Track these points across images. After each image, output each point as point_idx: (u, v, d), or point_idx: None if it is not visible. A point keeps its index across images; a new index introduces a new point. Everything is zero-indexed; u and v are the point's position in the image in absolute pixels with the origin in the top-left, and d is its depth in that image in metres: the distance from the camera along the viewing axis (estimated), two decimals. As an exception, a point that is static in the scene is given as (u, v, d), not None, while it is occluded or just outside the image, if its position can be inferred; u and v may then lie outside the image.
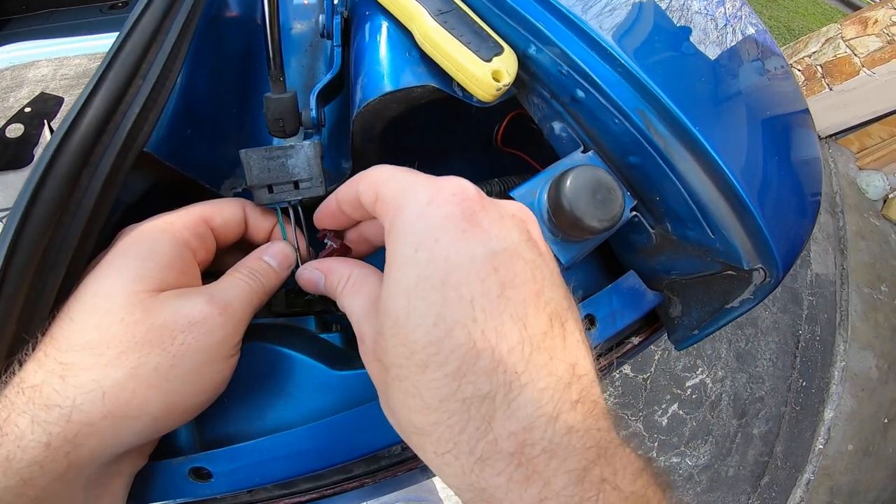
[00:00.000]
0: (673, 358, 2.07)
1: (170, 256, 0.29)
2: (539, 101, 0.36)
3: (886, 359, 2.34)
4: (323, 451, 0.31)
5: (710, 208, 0.31)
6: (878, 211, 2.69)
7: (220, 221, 0.33)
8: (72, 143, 0.27)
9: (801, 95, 0.39)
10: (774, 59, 0.39)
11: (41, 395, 0.25)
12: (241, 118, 0.44)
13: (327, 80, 0.39)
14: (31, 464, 0.24)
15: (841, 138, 2.73)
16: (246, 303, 0.31)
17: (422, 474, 0.57)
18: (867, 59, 2.33)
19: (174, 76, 0.32)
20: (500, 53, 0.32)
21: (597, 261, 0.43)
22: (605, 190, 0.29)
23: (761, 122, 0.35)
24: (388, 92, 0.33)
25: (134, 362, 0.26)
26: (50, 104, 0.74)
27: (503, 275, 0.23)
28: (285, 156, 0.34)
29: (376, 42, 0.35)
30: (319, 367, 0.35)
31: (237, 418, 0.34)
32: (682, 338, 0.38)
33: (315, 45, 0.52)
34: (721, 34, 0.36)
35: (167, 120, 0.35)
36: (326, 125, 0.44)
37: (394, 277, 0.24)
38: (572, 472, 0.21)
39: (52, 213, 0.26)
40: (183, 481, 0.31)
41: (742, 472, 2.03)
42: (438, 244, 0.23)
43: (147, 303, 0.27)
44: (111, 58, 0.30)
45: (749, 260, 0.32)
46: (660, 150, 0.31)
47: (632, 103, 0.31)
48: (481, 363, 0.22)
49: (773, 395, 2.16)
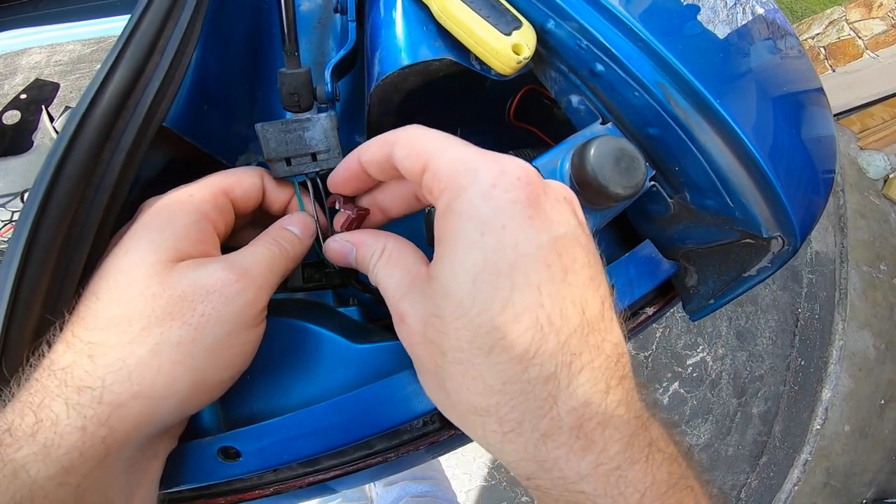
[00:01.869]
0: (674, 335, 2.09)
1: (187, 227, 0.29)
2: (557, 74, 0.36)
3: (884, 338, 2.37)
4: (350, 425, 0.31)
5: (729, 178, 0.32)
6: (878, 190, 2.70)
7: (240, 192, 0.32)
8: (94, 117, 0.27)
9: (815, 74, 0.39)
10: (788, 38, 0.39)
11: (73, 377, 0.24)
12: (252, 95, 0.44)
13: (343, 55, 0.38)
14: (70, 450, 0.24)
15: (843, 119, 2.72)
16: (267, 269, 0.30)
17: (428, 453, 0.58)
18: (871, 41, 2.31)
19: (190, 52, 0.32)
20: (520, 28, 0.33)
21: (613, 231, 0.43)
22: (629, 158, 0.30)
23: (778, 98, 0.35)
24: (407, 65, 0.33)
25: (157, 338, 0.26)
26: (46, 90, 0.73)
27: (566, 260, 0.24)
28: (302, 128, 0.34)
29: (392, 16, 0.35)
30: (340, 341, 0.35)
31: (260, 396, 0.35)
32: (697, 308, 0.38)
33: (324, 22, 0.52)
34: (731, 13, 0.36)
35: (183, 96, 0.35)
36: (340, 100, 0.44)
37: (458, 259, 0.23)
38: (622, 440, 0.24)
39: (77, 188, 0.26)
40: (212, 462, 0.31)
41: (741, 451, 2.06)
42: (506, 230, 0.23)
43: (164, 274, 0.27)
44: (129, 34, 0.29)
45: (768, 227, 0.32)
46: (680, 121, 0.31)
47: (652, 77, 0.31)
48: (546, 346, 0.23)
49: (772, 373, 2.18)
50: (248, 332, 0.29)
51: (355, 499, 1.06)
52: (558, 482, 0.24)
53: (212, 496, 0.36)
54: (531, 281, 0.23)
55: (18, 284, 0.24)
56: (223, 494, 0.36)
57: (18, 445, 0.23)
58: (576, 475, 0.23)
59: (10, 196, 0.58)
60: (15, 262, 0.24)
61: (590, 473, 0.23)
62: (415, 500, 0.96)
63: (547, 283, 0.23)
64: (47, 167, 0.26)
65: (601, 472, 0.23)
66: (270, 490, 0.36)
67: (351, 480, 0.39)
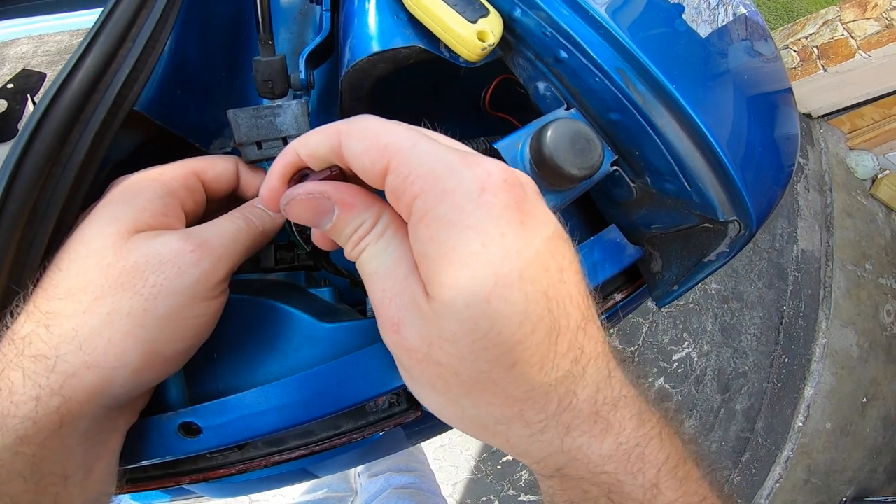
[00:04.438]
0: (660, 331, 2.11)
1: (151, 200, 0.29)
2: (524, 62, 0.37)
3: (867, 337, 2.39)
4: (311, 401, 0.31)
5: (686, 162, 0.32)
6: (866, 190, 2.73)
7: (212, 175, 0.33)
8: (63, 99, 0.28)
9: (785, 75, 0.40)
10: (764, 40, 0.39)
11: (30, 347, 0.25)
12: (230, 82, 0.45)
13: (317, 43, 0.39)
14: (24, 419, 0.24)
15: (833, 118, 2.74)
16: (230, 241, 0.29)
17: (408, 440, 0.58)
18: (864, 42, 2.32)
19: (163, 40, 0.33)
20: (486, 15, 0.33)
21: (580, 215, 0.44)
22: (584, 140, 0.30)
23: (741, 91, 0.36)
24: (376, 52, 0.34)
25: (108, 307, 0.25)
26: (32, 80, 0.73)
27: (559, 259, 0.23)
28: (273, 114, 0.35)
29: (365, 5, 0.36)
30: (308, 320, 0.35)
31: (226, 373, 0.35)
32: (662, 294, 0.39)
33: (304, 13, 0.52)
34: (713, 12, 0.37)
35: (157, 82, 0.35)
36: (316, 89, 0.44)
37: (464, 277, 0.21)
38: (633, 418, 0.25)
39: (44, 166, 0.27)
40: (172, 437, 0.31)
41: (724, 447, 2.08)
42: (505, 239, 0.21)
43: (118, 245, 0.26)
44: (101, 22, 0.30)
45: (724, 211, 0.33)
46: (639, 106, 0.32)
47: (612, 63, 0.32)
48: (560, 348, 0.23)
49: (756, 370, 2.21)
50: (205, 304, 0.28)
51: (340, 490, 1.07)
52: (583, 468, 0.25)
53: (177, 475, 0.36)
54: (539, 288, 0.22)
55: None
56: (188, 473, 0.36)
57: None
58: (599, 458, 0.25)
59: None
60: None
61: (612, 454, 0.25)
62: (398, 491, 0.96)
63: (550, 286, 0.23)
64: (16, 145, 0.26)
65: (622, 452, 0.25)
66: (235, 469, 0.36)
67: (327, 463, 0.39)
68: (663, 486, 0.25)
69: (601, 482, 0.25)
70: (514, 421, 0.24)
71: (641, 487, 0.25)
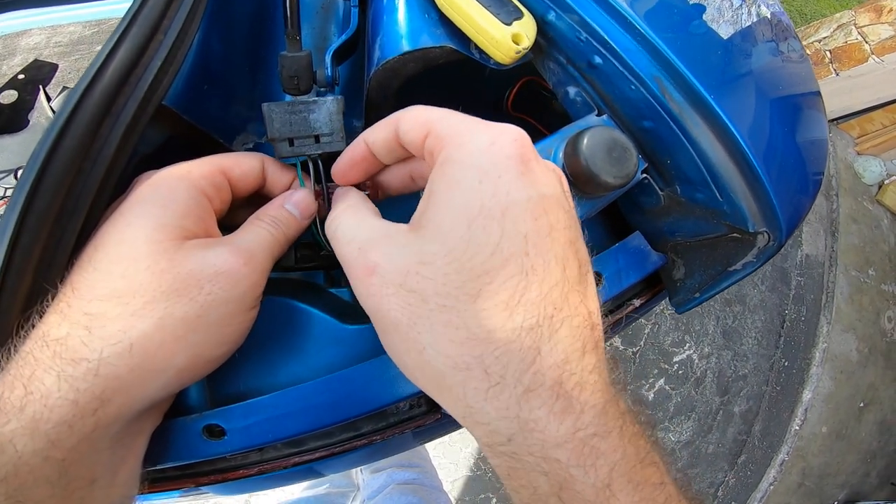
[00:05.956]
0: (662, 332, 2.11)
1: (187, 204, 0.29)
2: (555, 66, 0.36)
3: (867, 342, 2.39)
4: (336, 404, 0.32)
5: (720, 172, 0.32)
6: (872, 196, 2.72)
7: (238, 173, 0.32)
8: (95, 92, 0.27)
9: (814, 78, 0.40)
10: (791, 41, 0.39)
11: (67, 349, 0.24)
12: (253, 77, 0.44)
13: (344, 39, 0.39)
14: (58, 424, 0.23)
15: (842, 123, 2.73)
16: (268, 253, 0.30)
17: (415, 439, 0.58)
18: (877, 46, 2.30)
19: (192, 33, 0.33)
20: (521, 18, 0.33)
21: (604, 221, 0.44)
22: (621, 149, 0.30)
23: (775, 98, 0.35)
24: (407, 52, 0.34)
25: (161, 312, 0.26)
26: (44, 71, 0.72)
27: (551, 218, 0.24)
28: (307, 110, 0.34)
29: (395, 2, 0.35)
30: (330, 321, 0.35)
31: (248, 374, 0.35)
32: (683, 301, 0.39)
33: (326, 7, 0.52)
34: (736, 14, 0.37)
35: (185, 76, 0.35)
36: (339, 84, 0.44)
37: (455, 203, 0.24)
38: (597, 406, 0.24)
39: (74, 160, 0.27)
40: (196, 439, 0.31)
41: (721, 449, 2.08)
42: (501, 180, 0.24)
43: (171, 252, 0.27)
44: (133, 14, 0.30)
45: (755, 222, 0.33)
46: (674, 115, 0.32)
47: (648, 70, 0.32)
48: (529, 295, 0.23)
49: (755, 373, 2.21)
50: (247, 313, 0.30)
51: (342, 486, 1.07)
52: (536, 447, 0.24)
53: (195, 475, 0.36)
54: (519, 229, 0.23)
55: (12, 251, 0.24)
56: (207, 474, 0.36)
57: (6, 419, 0.23)
58: (554, 440, 0.23)
59: (4, 173, 0.58)
60: (9, 229, 0.24)
61: (567, 440, 0.23)
62: (401, 486, 0.96)
63: (533, 233, 0.24)
64: (46, 138, 0.26)
65: (578, 439, 0.23)
66: (255, 470, 0.36)
67: (336, 462, 0.39)
68: (616, 487, 0.23)
69: (552, 473, 0.23)
70: (472, 368, 0.24)
71: (593, 487, 0.23)
